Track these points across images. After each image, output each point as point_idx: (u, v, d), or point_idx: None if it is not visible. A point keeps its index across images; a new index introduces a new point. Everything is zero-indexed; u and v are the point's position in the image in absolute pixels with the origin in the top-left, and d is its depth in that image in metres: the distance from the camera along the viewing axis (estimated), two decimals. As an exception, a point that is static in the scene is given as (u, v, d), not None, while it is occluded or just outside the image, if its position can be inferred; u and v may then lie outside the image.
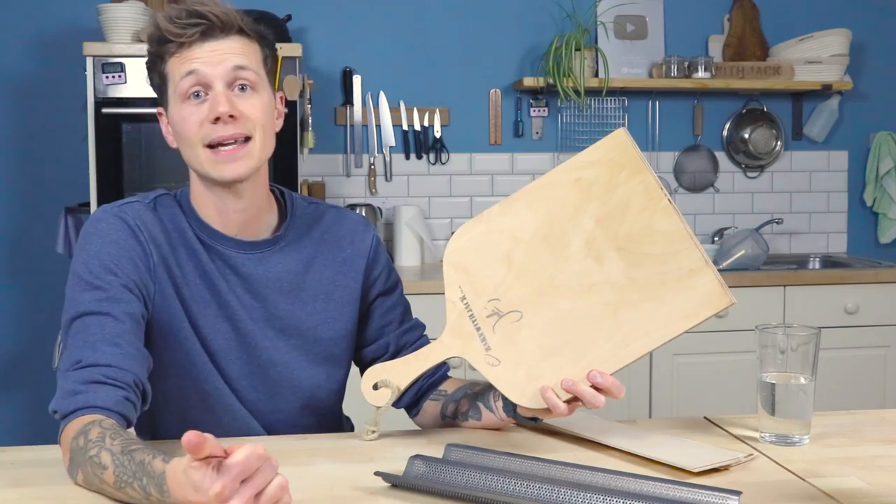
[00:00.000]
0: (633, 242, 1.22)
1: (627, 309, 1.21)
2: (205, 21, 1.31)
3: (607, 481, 1.08)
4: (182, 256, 1.37)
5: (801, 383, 1.29)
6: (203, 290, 1.37)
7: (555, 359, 1.22)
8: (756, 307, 3.11)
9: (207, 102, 1.31)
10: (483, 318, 1.24)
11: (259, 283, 1.40)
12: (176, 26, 1.31)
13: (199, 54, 1.31)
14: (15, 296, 3.41)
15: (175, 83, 1.33)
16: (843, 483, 1.14)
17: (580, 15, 3.49)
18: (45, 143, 3.38)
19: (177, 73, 1.32)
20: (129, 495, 1.05)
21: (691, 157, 3.70)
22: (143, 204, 1.39)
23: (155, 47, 1.35)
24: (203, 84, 1.31)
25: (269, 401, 1.41)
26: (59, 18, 3.34)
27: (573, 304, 1.22)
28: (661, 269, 1.20)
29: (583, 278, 1.22)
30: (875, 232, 3.83)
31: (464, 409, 1.40)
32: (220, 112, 1.29)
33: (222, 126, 1.30)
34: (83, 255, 1.33)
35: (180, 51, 1.32)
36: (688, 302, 1.19)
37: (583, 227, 1.22)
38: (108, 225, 1.34)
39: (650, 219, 1.22)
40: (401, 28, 3.53)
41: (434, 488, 1.08)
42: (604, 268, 1.22)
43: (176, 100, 1.33)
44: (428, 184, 3.56)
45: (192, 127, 1.31)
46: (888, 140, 3.71)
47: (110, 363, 1.21)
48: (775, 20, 3.70)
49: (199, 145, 1.32)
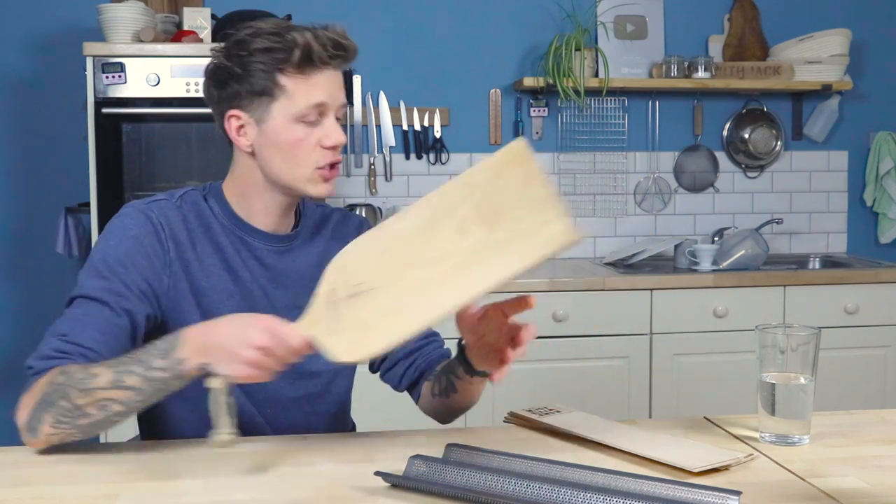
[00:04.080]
0: (500, 213, 1.20)
1: (475, 265, 1.18)
2: (345, 54, 1.40)
3: (607, 481, 1.08)
4: (204, 250, 1.42)
5: (801, 383, 1.29)
6: (227, 281, 1.42)
7: (395, 316, 1.20)
8: (756, 307, 3.12)
9: (320, 127, 1.38)
10: (343, 299, 1.23)
11: (283, 273, 1.46)
12: (327, 54, 1.37)
13: (325, 82, 1.38)
14: (15, 296, 3.41)
15: (295, 103, 1.36)
16: (843, 483, 1.14)
17: (580, 15, 3.49)
18: (45, 143, 3.38)
19: (301, 96, 1.36)
20: (124, 388, 1.19)
21: (691, 157, 3.70)
22: (169, 202, 1.44)
23: (275, 59, 1.35)
24: (322, 110, 1.38)
25: (290, 387, 1.45)
26: (59, 18, 3.34)
27: (425, 271, 1.20)
28: (519, 228, 1.18)
29: (443, 251, 1.21)
30: (875, 232, 3.83)
31: (443, 386, 1.45)
32: (339, 141, 1.39)
33: (333, 153, 1.40)
34: (102, 245, 1.38)
35: (308, 71, 1.36)
36: (533, 244, 1.17)
37: (459, 214, 1.21)
38: (132, 220, 1.39)
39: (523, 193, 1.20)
40: (401, 28, 3.53)
41: (434, 488, 1.08)
42: (467, 238, 1.20)
43: (289, 118, 1.37)
44: (428, 184, 3.56)
45: (307, 148, 1.38)
46: (888, 140, 3.71)
47: (91, 346, 1.29)
48: (775, 20, 3.70)
49: (310, 166, 1.39)
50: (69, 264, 3.37)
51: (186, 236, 1.41)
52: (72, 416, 1.22)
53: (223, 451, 1.25)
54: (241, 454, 1.25)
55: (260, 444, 1.32)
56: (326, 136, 1.38)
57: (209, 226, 1.43)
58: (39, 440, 1.25)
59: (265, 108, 1.37)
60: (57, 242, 3.19)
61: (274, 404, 1.45)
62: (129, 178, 2.94)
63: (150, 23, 2.97)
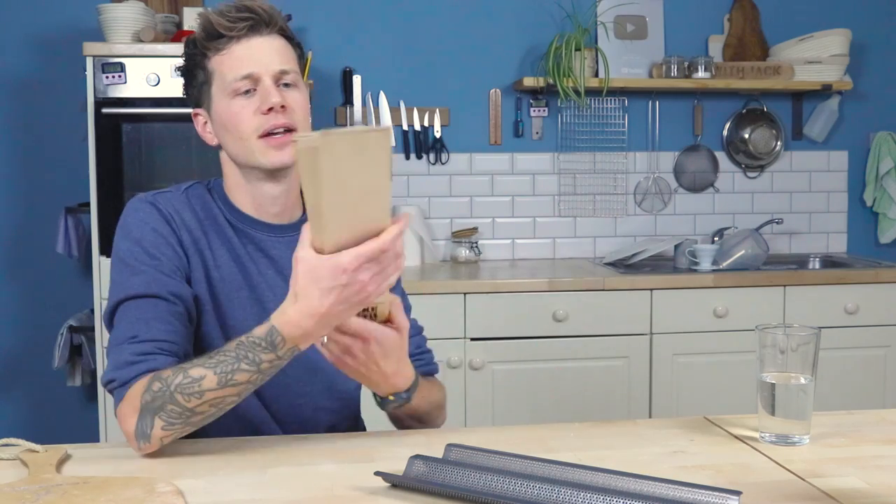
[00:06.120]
0: None
1: None
2: (254, 16, 1.37)
3: (607, 481, 1.08)
4: (215, 241, 1.42)
5: (801, 383, 1.29)
6: (235, 273, 1.42)
7: None
8: (756, 307, 3.12)
9: (257, 95, 1.38)
10: None
11: (288, 265, 1.42)
12: (227, 20, 1.36)
13: (249, 52, 1.37)
14: (15, 296, 3.41)
15: (225, 81, 1.38)
16: (843, 483, 1.14)
17: (580, 15, 3.49)
18: (45, 143, 3.38)
19: (228, 72, 1.38)
20: (236, 384, 1.18)
21: (691, 157, 3.70)
22: (174, 194, 1.45)
23: (200, 44, 1.40)
24: (254, 80, 1.37)
25: (296, 384, 1.44)
26: (59, 18, 3.34)
27: None
28: None
29: None
30: (875, 232, 3.83)
31: None
32: (273, 103, 1.36)
33: (273, 115, 1.37)
34: (126, 242, 1.37)
35: (228, 47, 1.38)
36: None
37: None
38: (145, 213, 1.40)
39: None
40: (401, 28, 3.53)
41: (434, 488, 1.08)
42: None
43: (224, 96, 1.39)
44: (428, 184, 3.56)
45: (246, 119, 1.38)
46: (888, 140, 3.71)
47: (165, 338, 1.29)
48: (775, 20, 3.70)
49: (252, 136, 1.38)
50: (69, 264, 3.37)
51: (197, 226, 1.42)
52: (183, 417, 1.20)
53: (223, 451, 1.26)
54: (241, 454, 1.25)
55: (260, 443, 1.31)
56: (262, 102, 1.37)
57: (215, 218, 1.44)
58: (152, 444, 1.22)
59: (209, 97, 1.41)
60: (57, 242, 3.19)
61: (282, 400, 1.44)
62: (129, 178, 2.94)
63: (150, 23, 2.97)
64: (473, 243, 3.50)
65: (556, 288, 3.01)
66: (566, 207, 3.63)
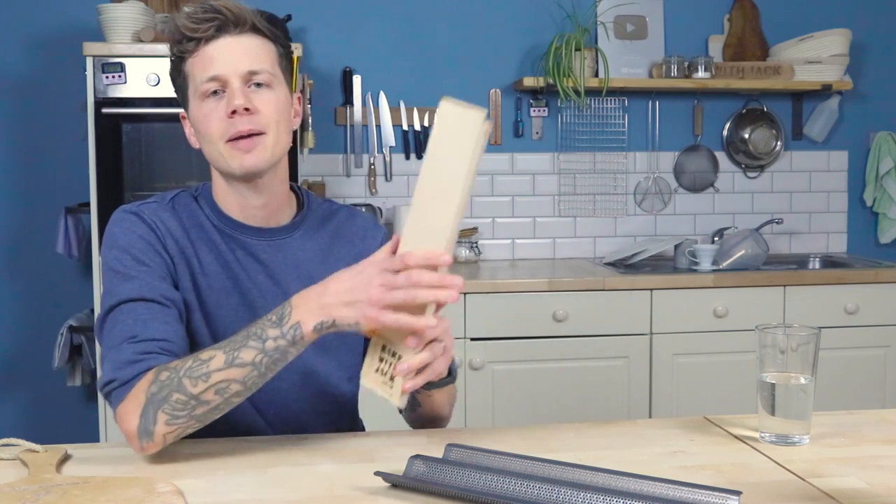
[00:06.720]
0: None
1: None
2: (219, 16, 1.36)
3: (607, 481, 1.08)
4: (202, 249, 1.41)
5: (801, 383, 1.29)
6: (224, 279, 1.41)
7: None
8: (756, 307, 3.12)
9: (225, 98, 1.36)
10: None
11: (279, 269, 1.44)
12: (192, 21, 1.35)
13: (216, 53, 1.36)
14: (15, 296, 3.41)
15: (196, 84, 1.37)
16: (843, 483, 1.14)
17: (580, 15, 3.49)
18: (45, 143, 3.38)
19: (198, 74, 1.37)
20: (242, 365, 1.18)
21: (691, 157, 3.70)
22: (159, 204, 1.43)
23: (176, 49, 1.39)
24: (221, 81, 1.36)
25: (290, 389, 1.43)
26: (59, 18, 3.34)
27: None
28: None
29: None
30: (875, 232, 3.83)
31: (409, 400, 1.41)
32: (235, 105, 1.34)
33: (238, 118, 1.35)
34: (113, 251, 1.37)
35: (198, 49, 1.37)
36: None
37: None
38: (129, 223, 1.39)
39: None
40: (401, 28, 3.53)
41: (434, 488, 1.08)
42: None
43: (196, 99, 1.38)
44: (428, 184, 3.55)
45: (214, 123, 1.36)
46: (888, 140, 3.71)
47: (165, 338, 1.28)
48: (775, 20, 3.70)
49: (220, 141, 1.36)
50: (69, 264, 3.37)
51: (183, 234, 1.41)
52: (188, 408, 1.19)
53: (223, 451, 1.26)
54: (241, 454, 1.25)
55: (260, 444, 1.31)
56: (227, 104, 1.35)
57: (202, 226, 1.43)
58: (155, 442, 1.20)
59: (187, 101, 1.41)
60: (57, 242, 3.19)
61: (277, 405, 1.43)
62: (129, 179, 2.94)
63: (150, 23, 2.97)
64: (473, 243, 3.50)
65: (556, 288, 3.01)
66: (566, 207, 3.63)
